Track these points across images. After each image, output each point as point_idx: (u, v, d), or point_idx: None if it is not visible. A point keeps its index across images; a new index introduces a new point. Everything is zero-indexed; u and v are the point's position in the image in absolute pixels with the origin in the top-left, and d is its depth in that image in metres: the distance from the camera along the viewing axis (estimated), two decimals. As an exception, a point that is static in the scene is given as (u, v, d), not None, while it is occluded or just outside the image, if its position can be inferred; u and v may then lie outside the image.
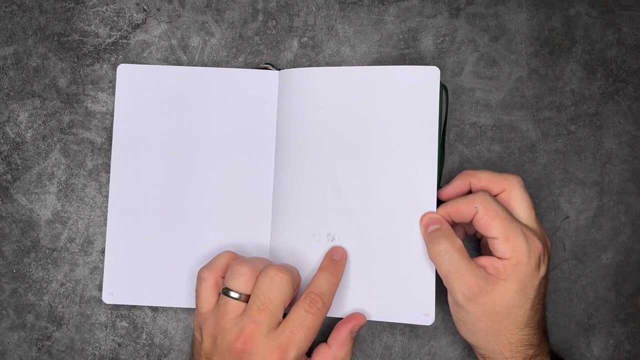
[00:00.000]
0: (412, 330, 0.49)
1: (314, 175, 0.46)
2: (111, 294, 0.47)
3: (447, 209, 0.43)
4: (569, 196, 0.50)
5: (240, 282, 0.41)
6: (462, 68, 0.50)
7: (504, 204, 0.42)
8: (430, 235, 0.43)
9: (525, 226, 0.41)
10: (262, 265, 0.42)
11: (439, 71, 0.45)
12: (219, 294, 0.42)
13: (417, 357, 0.48)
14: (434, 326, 0.49)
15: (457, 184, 0.44)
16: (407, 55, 0.50)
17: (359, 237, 0.45)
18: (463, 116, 0.50)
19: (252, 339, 0.39)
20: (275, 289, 0.40)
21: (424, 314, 0.44)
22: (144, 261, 0.47)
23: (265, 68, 0.48)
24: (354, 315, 0.44)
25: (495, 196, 0.43)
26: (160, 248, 0.47)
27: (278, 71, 0.48)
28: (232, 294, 0.40)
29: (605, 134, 0.50)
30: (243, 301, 0.40)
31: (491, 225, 0.40)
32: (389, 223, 0.45)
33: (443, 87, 0.47)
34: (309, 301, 0.41)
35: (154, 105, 0.47)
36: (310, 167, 0.46)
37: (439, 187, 0.45)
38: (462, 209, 0.42)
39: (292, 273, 0.41)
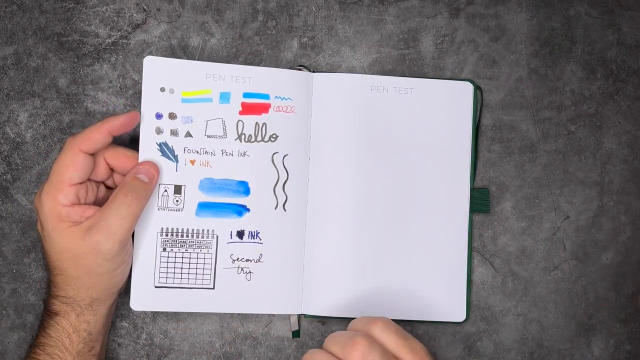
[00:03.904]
0: (411, 330, 0.49)
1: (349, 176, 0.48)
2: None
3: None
4: (569, 196, 0.50)
5: None
6: (462, 68, 0.50)
7: None
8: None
9: None
10: None
11: (472, 87, 0.48)
12: None
13: (417, 357, 0.48)
14: (433, 326, 0.49)
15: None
16: (407, 55, 0.50)
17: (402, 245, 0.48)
18: (463, 116, 0.49)
19: None
20: None
21: (457, 312, 0.48)
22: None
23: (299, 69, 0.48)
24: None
25: None
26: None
27: (312, 73, 0.48)
28: None
29: (605, 134, 0.50)
30: None
31: None
32: (427, 231, 0.48)
33: (477, 87, 0.49)
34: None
35: None
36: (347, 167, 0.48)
37: (472, 187, 0.48)
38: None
39: None
